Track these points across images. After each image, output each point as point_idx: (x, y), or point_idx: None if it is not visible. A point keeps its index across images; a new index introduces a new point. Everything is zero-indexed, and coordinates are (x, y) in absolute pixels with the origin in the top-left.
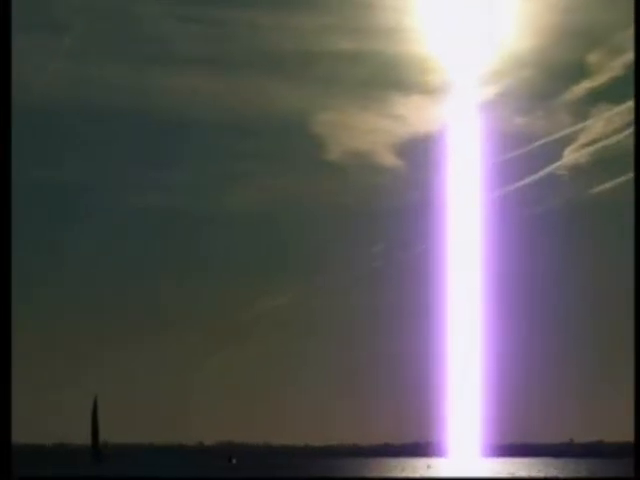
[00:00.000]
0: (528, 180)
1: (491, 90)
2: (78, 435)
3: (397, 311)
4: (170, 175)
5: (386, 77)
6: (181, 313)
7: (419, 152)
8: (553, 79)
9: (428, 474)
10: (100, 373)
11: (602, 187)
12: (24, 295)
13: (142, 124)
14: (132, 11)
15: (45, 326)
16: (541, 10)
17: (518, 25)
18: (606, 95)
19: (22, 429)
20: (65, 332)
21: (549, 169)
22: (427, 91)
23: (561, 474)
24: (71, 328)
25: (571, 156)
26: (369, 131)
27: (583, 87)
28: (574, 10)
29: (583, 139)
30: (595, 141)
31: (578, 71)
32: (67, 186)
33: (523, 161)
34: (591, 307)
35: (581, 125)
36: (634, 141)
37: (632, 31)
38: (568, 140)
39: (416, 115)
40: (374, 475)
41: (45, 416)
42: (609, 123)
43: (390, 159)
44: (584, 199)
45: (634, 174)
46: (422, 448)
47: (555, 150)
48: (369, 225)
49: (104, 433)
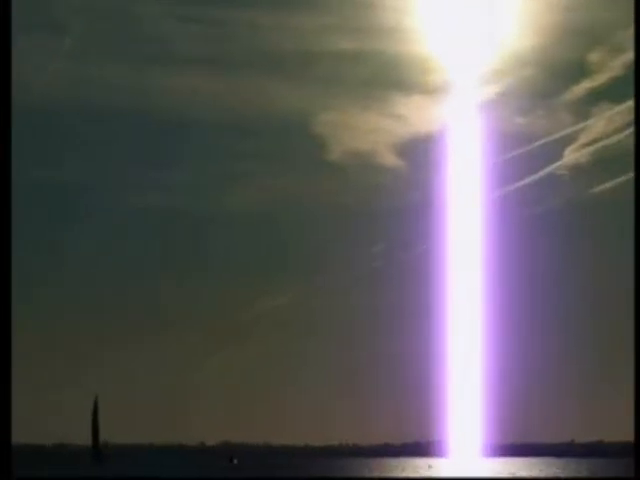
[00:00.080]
0: (528, 180)
1: (491, 90)
2: (78, 435)
3: (397, 311)
4: (170, 175)
5: (387, 77)
6: (181, 313)
7: (420, 152)
8: (554, 78)
9: (429, 474)
10: (100, 373)
11: (602, 187)
12: (24, 295)
13: (142, 124)
14: (132, 11)
15: (45, 326)
16: (541, 9)
17: (518, 24)
18: (607, 94)
19: (22, 429)
20: (65, 332)
21: (549, 169)
22: (428, 91)
23: (562, 474)
24: (71, 328)
25: (571, 156)
26: (370, 131)
27: (584, 86)
28: (575, 9)
29: (584, 139)
30: (596, 141)
31: (579, 70)
32: (67, 186)
33: (523, 161)
34: (591, 307)
35: (582, 125)
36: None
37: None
38: (569, 140)
39: (417, 115)
40: (375, 475)
41: (45, 416)
42: (610, 123)
43: (391, 159)
44: (584, 199)
45: (634, 174)
46: (423, 448)
47: (555, 150)
48: (369, 225)
49: (104, 433)
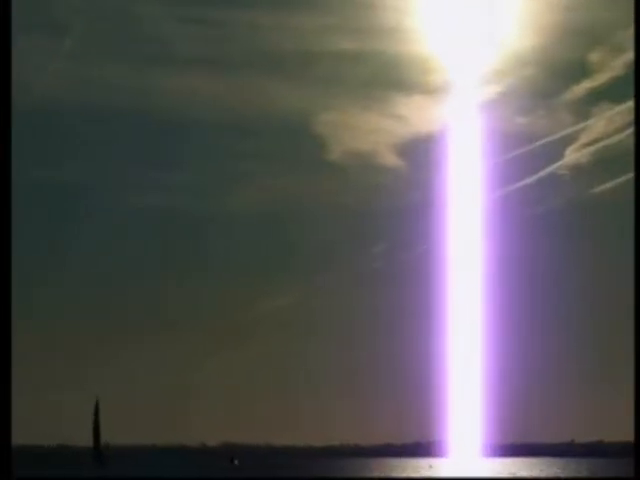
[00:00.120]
0: (529, 180)
1: (492, 90)
2: (79, 437)
3: (398, 311)
4: (170, 175)
5: (387, 77)
6: (181, 313)
7: (420, 152)
8: (554, 78)
9: (430, 474)
10: (100, 373)
11: (603, 187)
12: (24, 295)
13: (142, 124)
14: (132, 11)
15: (45, 326)
16: (542, 9)
17: (519, 24)
18: (607, 94)
19: (22, 430)
20: (65, 332)
21: (550, 169)
22: (428, 91)
23: (562, 474)
24: (71, 328)
25: (572, 156)
26: (370, 131)
27: (584, 86)
28: (575, 9)
29: (584, 139)
30: (596, 141)
31: (579, 70)
32: (67, 186)
33: (524, 161)
34: (591, 307)
35: (582, 124)
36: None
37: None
38: (569, 140)
39: (417, 115)
40: (375, 475)
41: (45, 417)
42: (610, 122)
43: (391, 159)
44: (585, 199)
45: (635, 174)
46: (423, 448)
47: (556, 150)
48: (370, 225)
49: (105, 434)
